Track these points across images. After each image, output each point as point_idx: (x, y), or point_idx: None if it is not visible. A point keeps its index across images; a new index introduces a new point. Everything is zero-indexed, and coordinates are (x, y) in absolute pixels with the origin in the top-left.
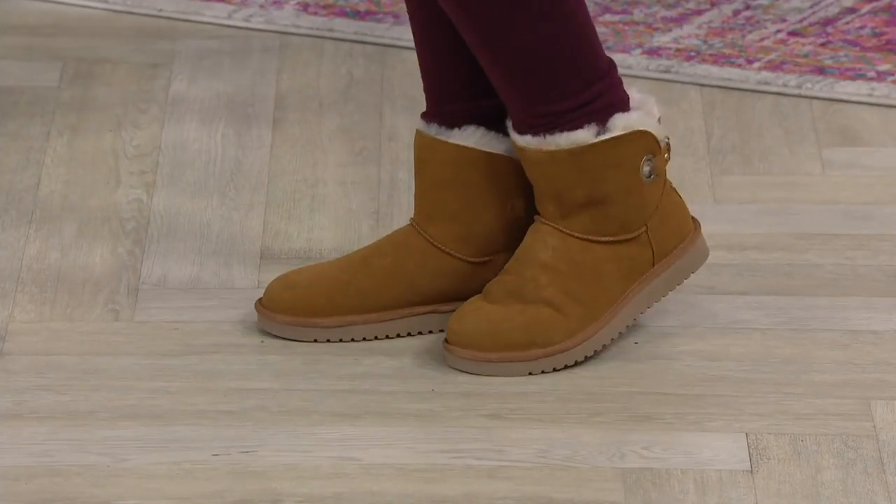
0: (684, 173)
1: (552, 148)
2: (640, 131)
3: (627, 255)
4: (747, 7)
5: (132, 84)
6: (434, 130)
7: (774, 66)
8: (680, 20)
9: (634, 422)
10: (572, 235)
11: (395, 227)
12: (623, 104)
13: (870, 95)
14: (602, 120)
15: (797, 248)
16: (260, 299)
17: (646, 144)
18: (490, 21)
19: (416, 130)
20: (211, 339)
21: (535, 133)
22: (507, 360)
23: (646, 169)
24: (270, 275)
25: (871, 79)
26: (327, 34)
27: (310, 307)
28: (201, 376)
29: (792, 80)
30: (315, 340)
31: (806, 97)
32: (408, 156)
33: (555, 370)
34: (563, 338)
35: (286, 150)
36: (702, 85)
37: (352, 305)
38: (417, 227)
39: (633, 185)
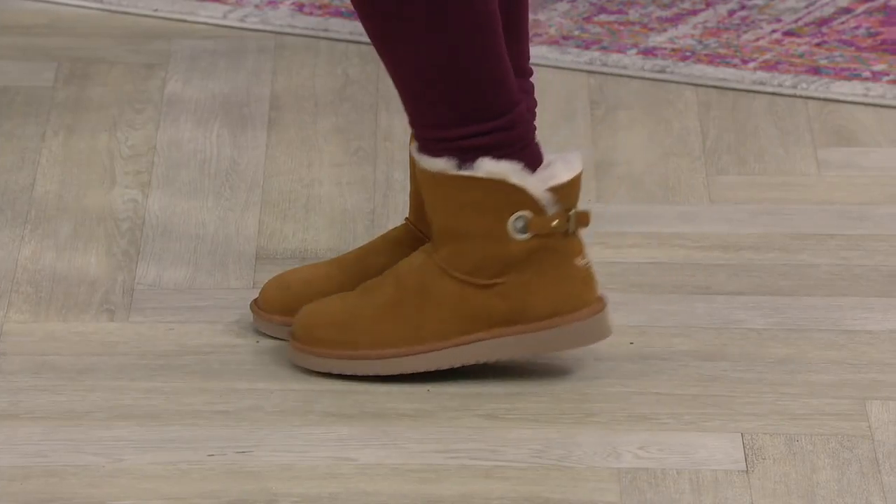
0: (680, 173)
1: (422, 166)
2: (506, 183)
3: (475, 299)
4: (742, 7)
5: (127, 84)
6: None
7: (770, 67)
8: (675, 20)
9: (630, 422)
10: (435, 262)
11: (390, 227)
12: (508, 151)
13: (865, 95)
14: (467, 158)
15: (792, 249)
16: (255, 299)
17: (516, 199)
18: (378, 28)
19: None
20: (206, 340)
21: (417, 146)
22: (311, 352)
23: (517, 224)
24: (266, 275)
25: (867, 79)
26: (322, 34)
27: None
28: (197, 376)
29: (787, 80)
30: None
31: (801, 97)
32: (403, 156)
33: (349, 374)
34: (369, 346)
35: (281, 150)
36: (697, 85)
37: None
38: (413, 226)
39: (494, 234)
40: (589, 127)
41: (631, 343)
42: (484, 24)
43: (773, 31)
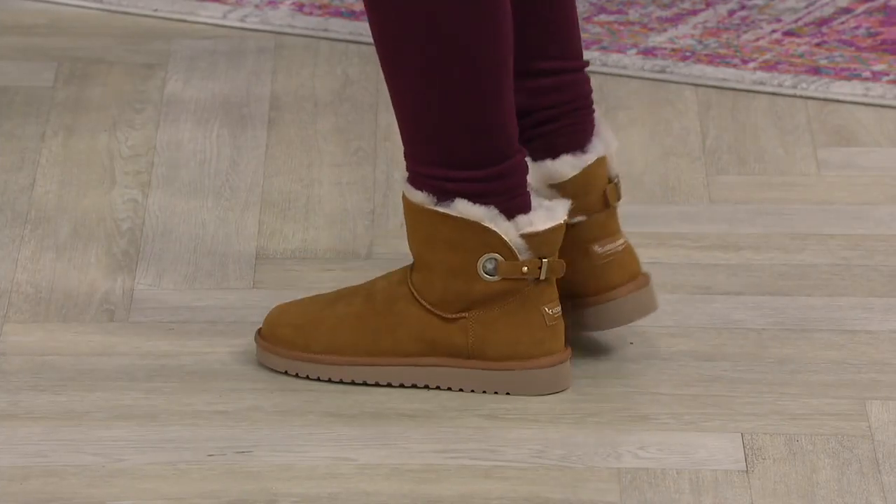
0: (680, 173)
1: (405, 193)
2: (479, 224)
3: (437, 328)
4: (742, 7)
5: (127, 84)
6: None
7: (770, 67)
8: (675, 20)
9: (630, 422)
10: (408, 284)
11: (390, 227)
12: (491, 200)
13: (865, 95)
14: (447, 197)
15: (792, 248)
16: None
17: (488, 241)
18: (382, 55)
19: None
20: (206, 340)
21: (405, 175)
22: (271, 350)
23: (487, 265)
24: (265, 275)
25: (867, 79)
26: (322, 34)
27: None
28: (196, 377)
29: (787, 80)
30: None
31: (801, 97)
32: (402, 156)
33: (302, 376)
34: (323, 351)
35: (281, 150)
36: (697, 85)
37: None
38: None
39: (463, 271)
40: None
41: (631, 343)
42: (484, 76)
43: (773, 31)
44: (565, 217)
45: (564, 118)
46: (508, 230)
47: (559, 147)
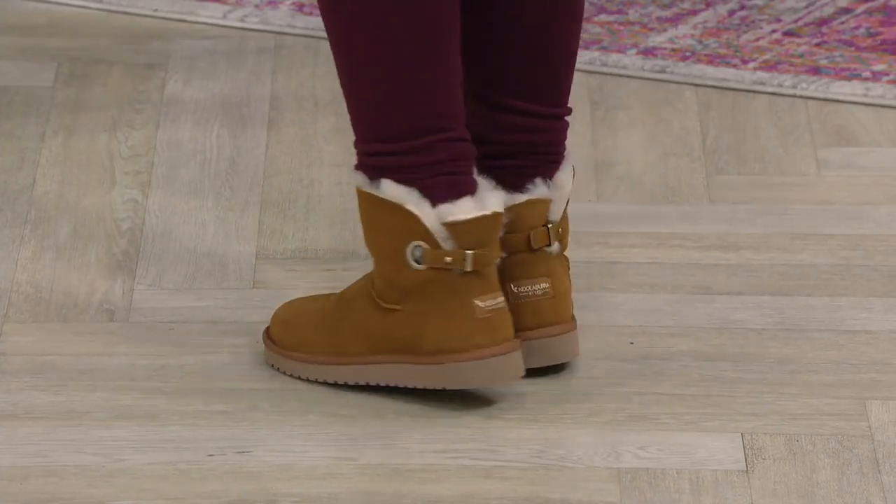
0: (680, 173)
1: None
2: (402, 208)
3: (379, 322)
4: (742, 7)
5: (127, 84)
6: None
7: (770, 67)
8: (675, 20)
9: (630, 422)
10: (371, 278)
11: None
12: (413, 176)
13: (865, 95)
14: (374, 176)
15: (792, 248)
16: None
17: (413, 228)
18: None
19: None
20: (206, 340)
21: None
22: (266, 345)
23: (415, 253)
24: (265, 275)
25: (867, 79)
26: (322, 34)
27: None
28: (196, 377)
29: (787, 80)
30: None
31: (801, 97)
32: None
33: (281, 372)
34: (292, 347)
35: (281, 150)
36: (697, 85)
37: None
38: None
39: (395, 259)
40: (589, 127)
41: (631, 343)
42: (401, 52)
43: (773, 31)
44: (498, 209)
45: (520, 158)
46: (430, 217)
47: (502, 182)
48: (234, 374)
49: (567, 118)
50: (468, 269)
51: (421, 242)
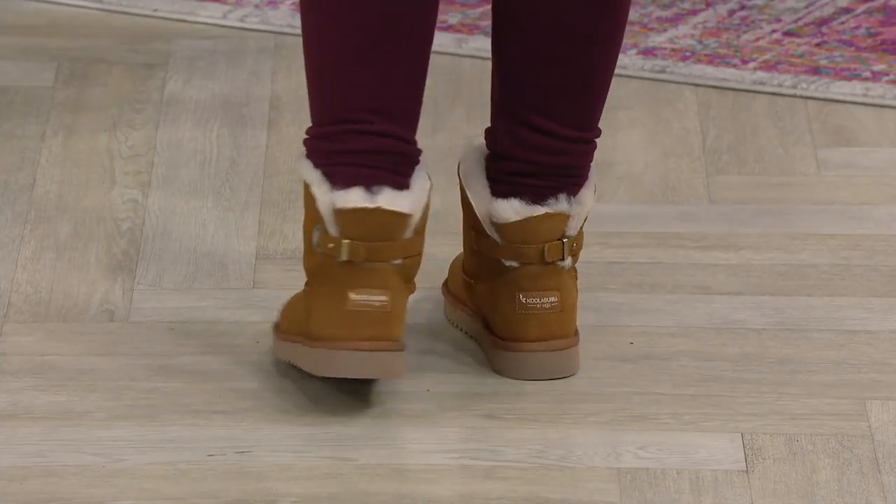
0: (680, 173)
1: None
2: (308, 190)
3: (299, 303)
4: (742, 7)
5: (127, 84)
6: None
7: (770, 67)
8: (675, 20)
9: (630, 422)
10: None
11: None
12: (324, 161)
13: (865, 96)
14: (301, 155)
15: (792, 249)
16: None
17: (312, 209)
18: None
19: None
20: (206, 340)
21: None
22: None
23: (316, 236)
24: (266, 275)
25: (867, 79)
26: None
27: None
28: (196, 377)
29: (787, 80)
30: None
31: (801, 97)
32: None
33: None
34: (284, 330)
35: (281, 150)
36: (697, 85)
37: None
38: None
39: (306, 239)
40: None
41: (631, 343)
42: (331, 34)
43: (773, 31)
44: (391, 207)
45: (541, 178)
46: (323, 201)
47: (524, 196)
48: (234, 374)
49: (596, 140)
50: (343, 258)
51: (318, 224)
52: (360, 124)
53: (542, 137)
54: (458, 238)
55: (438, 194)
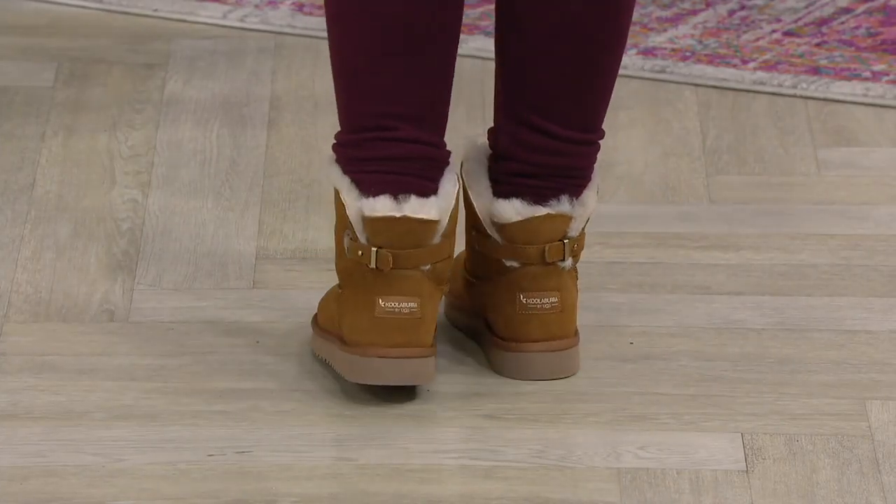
0: (680, 173)
1: None
2: (338, 196)
3: (332, 303)
4: (742, 7)
5: (127, 84)
6: None
7: (770, 67)
8: (675, 20)
9: (630, 422)
10: None
11: None
12: (351, 168)
13: (865, 96)
14: (333, 161)
15: (792, 249)
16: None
17: (343, 215)
18: None
19: None
20: (206, 340)
21: None
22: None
23: (347, 241)
24: (266, 275)
25: (867, 79)
26: (322, 34)
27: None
28: (196, 377)
29: (787, 80)
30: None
31: (801, 97)
32: None
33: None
34: (320, 324)
35: (281, 150)
36: (697, 85)
37: None
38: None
39: (338, 242)
40: None
41: (631, 343)
42: (356, 48)
43: (773, 31)
44: (418, 215)
45: (542, 179)
46: (352, 208)
47: (526, 197)
48: (234, 374)
49: (600, 142)
50: (372, 265)
51: (348, 231)
52: (387, 131)
53: (543, 138)
54: (460, 238)
55: None
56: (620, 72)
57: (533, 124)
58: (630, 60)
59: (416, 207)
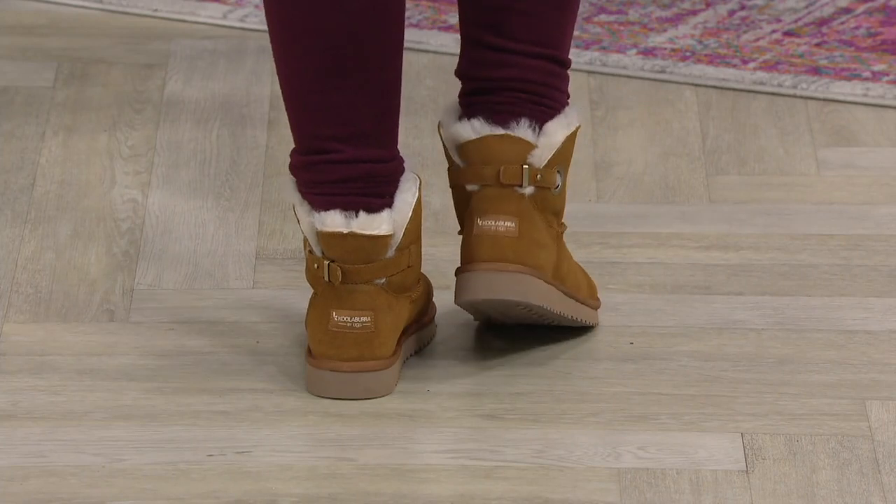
0: (680, 173)
1: None
2: (293, 210)
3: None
4: (742, 7)
5: (127, 84)
6: None
7: (770, 67)
8: (675, 20)
9: (630, 422)
10: None
11: None
12: (307, 188)
13: (865, 96)
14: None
15: (792, 249)
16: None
17: (302, 230)
18: None
19: None
20: (206, 340)
21: None
22: None
23: (305, 252)
24: (266, 275)
25: (867, 79)
26: None
27: None
28: (196, 377)
29: (787, 80)
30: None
31: (801, 97)
32: None
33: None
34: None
35: (281, 150)
36: (697, 85)
37: None
38: None
39: (305, 257)
40: (589, 127)
41: (631, 343)
42: (293, 66)
43: (773, 31)
44: (359, 230)
45: (497, 94)
46: (305, 223)
47: (480, 113)
48: (235, 374)
49: (561, 67)
50: (326, 279)
51: (308, 244)
52: (331, 154)
53: (494, 53)
54: (459, 238)
55: (438, 194)
56: (620, 72)
57: (485, 42)
58: (630, 60)
59: (364, 224)
